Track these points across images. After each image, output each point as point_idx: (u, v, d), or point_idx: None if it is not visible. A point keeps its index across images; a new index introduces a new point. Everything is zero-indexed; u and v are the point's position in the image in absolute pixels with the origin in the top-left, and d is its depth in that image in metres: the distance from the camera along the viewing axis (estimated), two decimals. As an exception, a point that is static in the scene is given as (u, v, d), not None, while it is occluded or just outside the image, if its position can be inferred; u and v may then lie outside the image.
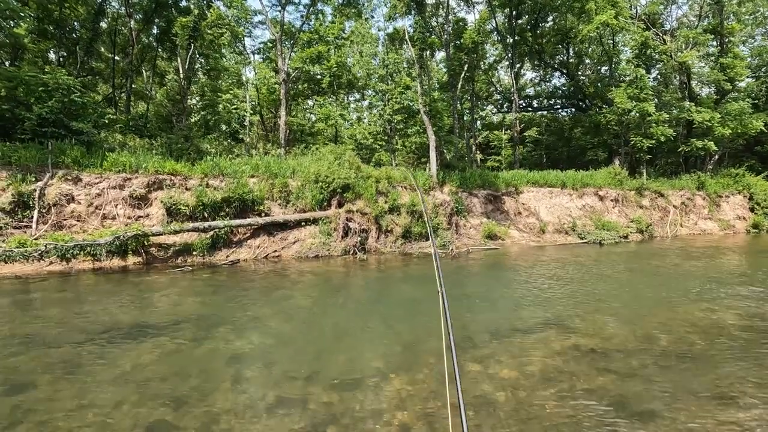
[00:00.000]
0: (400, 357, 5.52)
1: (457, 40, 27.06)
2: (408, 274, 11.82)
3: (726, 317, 7.13)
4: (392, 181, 17.13)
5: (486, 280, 11.41)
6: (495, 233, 17.75)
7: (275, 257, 13.60)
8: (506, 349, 5.76)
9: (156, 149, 16.18)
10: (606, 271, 11.78)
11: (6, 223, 11.00)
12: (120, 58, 24.52)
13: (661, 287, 9.67)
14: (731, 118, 24.31)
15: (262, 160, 16.30)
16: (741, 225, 24.36)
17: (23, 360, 5.36)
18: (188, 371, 5.07)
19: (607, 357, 5.44)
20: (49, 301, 8.18)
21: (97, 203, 12.43)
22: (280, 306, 8.24)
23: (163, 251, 12.42)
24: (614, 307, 7.87)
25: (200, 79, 26.61)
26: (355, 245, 14.38)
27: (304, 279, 10.87)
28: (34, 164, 12.02)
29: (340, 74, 25.88)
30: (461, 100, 30.36)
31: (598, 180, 22.62)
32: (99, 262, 11.25)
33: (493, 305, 8.48)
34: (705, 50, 27.50)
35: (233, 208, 13.80)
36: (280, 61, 22.74)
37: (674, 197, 23.66)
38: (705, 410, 4.11)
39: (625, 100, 22.85)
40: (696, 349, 5.73)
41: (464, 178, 19.57)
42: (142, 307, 7.99)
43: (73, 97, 14.03)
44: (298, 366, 5.21)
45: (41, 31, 20.71)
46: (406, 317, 7.52)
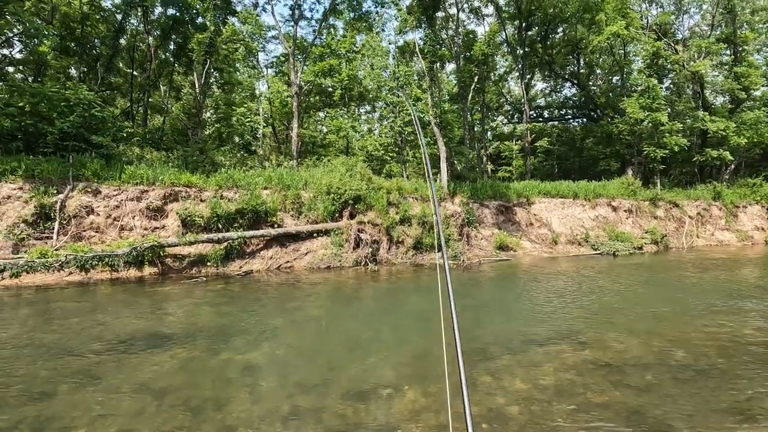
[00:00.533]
0: (412, 368, 5.54)
1: (467, 52, 27.31)
2: (419, 286, 11.82)
3: (744, 331, 6.99)
4: (403, 192, 17.22)
5: (498, 292, 11.36)
6: (507, 244, 17.66)
7: (287, 268, 13.73)
8: (519, 361, 5.73)
9: (172, 162, 16.56)
10: (620, 284, 11.63)
11: (28, 234, 11.34)
12: (138, 73, 25.25)
13: (677, 300, 9.52)
14: (747, 128, 23.97)
15: (275, 172, 16.56)
16: (759, 236, 23.83)
17: (44, 368, 5.51)
18: (204, 381, 5.15)
19: (621, 371, 5.38)
20: (68, 311, 8.38)
21: (115, 215, 12.74)
22: (292, 316, 8.32)
23: (178, 262, 12.64)
24: (629, 320, 7.78)
25: (215, 92, 27.22)
26: (367, 256, 14.44)
27: (316, 290, 10.95)
28: (56, 177, 12.40)
29: (351, 87, 26.27)
30: (472, 111, 30.50)
31: (611, 190, 22.40)
32: (117, 272, 11.49)
33: (505, 317, 8.44)
34: (718, 59, 27.28)
35: (247, 219, 14.00)
36: (293, 74, 23.19)
37: (689, 208, 23.29)
38: (724, 427, 4.04)
39: (637, 110, 22.71)
40: (713, 363, 5.63)
41: (475, 188, 19.57)
42: (158, 317, 8.14)
43: (94, 111, 14.50)
44: (311, 376, 5.26)
45: (63, 48, 21.51)
46: (418, 328, 7.53)
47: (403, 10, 22.89)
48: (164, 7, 22.64)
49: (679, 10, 28.99)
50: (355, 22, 27.12)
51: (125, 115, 24.67)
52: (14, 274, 10.32)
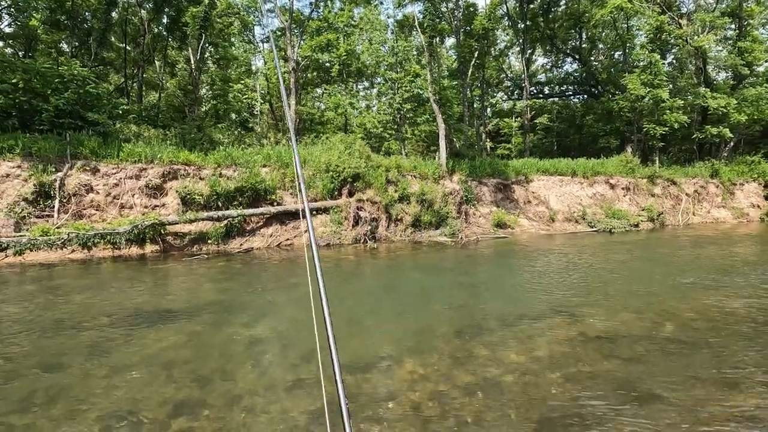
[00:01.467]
0: (411, 341, 5.72)
1: (467, 26, 26.71)
2: (418, 263, 12.01)
3: (734, 306, 7.20)
4: (402, 170, 17.23)
5: (495, 269, 11.55)
6: (504, 222, 17.81)
7: (287, 245, 13.88)
8: (514, 335, 5.93)
9: (170, 139, 16.46)
10: (615, 260, 11.83)
11: (29, 213, 11.40)
12: (131, 48, 24.73)
13: (669, 276, 9.72)
14: (748, 104, 23.81)
15: (273, 150, 16.51)
16: (755, 213, 24.03)
17: (54, 343, 5.68)
18: (210, 354, 5.33)
19: (612, 343, 5.58)
20: (73, 288, 8.53)
21: (115, 193, 12.77)
22: (293, 293, 8.49)
23: (179, 240, 12.76)
24: (622, 296, 7.97)
25: (210, 68, 26.74)
26: (366, 234, 14.58)
27: (316, 267, 11.10)
28: (53, 155, 12.36)
29: (349, 62, 25.84)
30: (471, 88, 30.11)
31: (609, 168, 22.43)
32: (118, 250, 11.62)
33: (501, 293, 8.64)
34: (722, 34, 26.82)
35: (246, 197, 14.06)
36: (290, 49, 22.75)
37: (687, 185, 23.39)
38: (709, 393, 4.24)
39: (638, 86, 22.47)
40: (702, 336, 5.83)
41: (474, 166, 19.57)
42: (161, 293, 8.31)
43: (88, 88, 14.31)
44: (313, 349, 5.45)
45: (54, 22, 21.00)
46: (417, 304, 7.72)
47: (402, -19, 22.29)
48: (156, -22, 22.00)
49: (685, -18, 28.30)
50: (353, -5, 26.47)
51: (120, 91, 24.30)
52: (17, 251, 10.43)
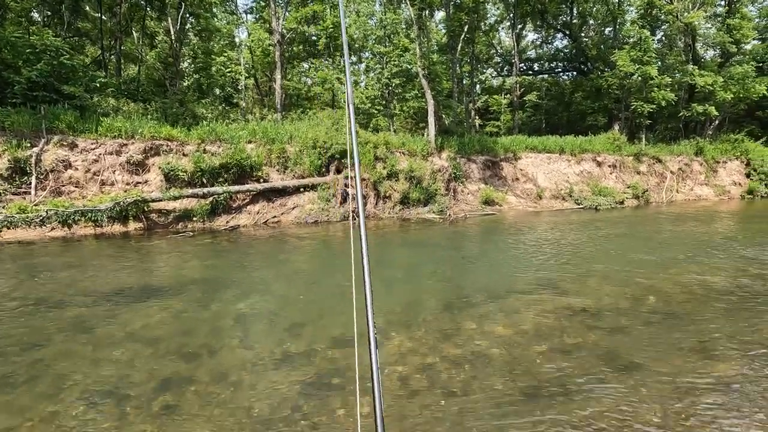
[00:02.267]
0: (399, 316, 5.75)
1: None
2: (406, 240, 12.02)
3: (714, 279, 7.38)
4: (390, 146, 17.03)
5: (482, 245, 11.63)
6: (492, 199, 17.87)
7: (274, 223, 13.74)
8: (501, 308, 5.99)
9: (151, 114, 15.92)
10: (600, 236, 12.00)
11: (5, 189, 11.01)
12: (107, 18, 23.58)
13: (652, 251, 9.91)
14: (734, 82, 23.95)
15: (259, 126, 16.12)
16: (736, 191, 24.55)
17: (37, 321, 5.56)
18: (196, 330, 5.28)
19: (597, 316, 5.68)
20: (54, 266, 8.34)
21: (95, 169, 12.39)
22: (281, 270, 8.45)
23: (163, 217, 12.52)
24: (606, 270, 8.11)
25: (192, 40, 25.74)
26: (354, 211, 14.48)
27: (303, 244, 11.05)
28: (28, 129, 11.86)
29: (336, 35, 25.09)
30: (461, 63, 29.63)
31: (596, 146, 22.53)
32: (100, 227, 11.35)
33: (489, 268, 8.71)
34: (712, 11, 26.71)
35: (231, 174, 13.78)
36: (274, 21, 21.96)
37: (672, 163, 23.69)
38: (688, 363, 4.36)
39: (627, 62, 22.36)
40: (683, 308, 5.98)
41: (463, 143, 19.45)
42: (146, 270, 8.18)
43: (62, 59, 13.66)
44: (301, 325, 5.44)
45: (24, -11, 19.84)
46: (405, 280, 7.74)
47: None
48: (131, -58, 20.83)
49: (677, -44, 27.85)
50: (340, -36, 25.43)
51: (97, 64, 23.27)
52: (-6, 229, 10.12)
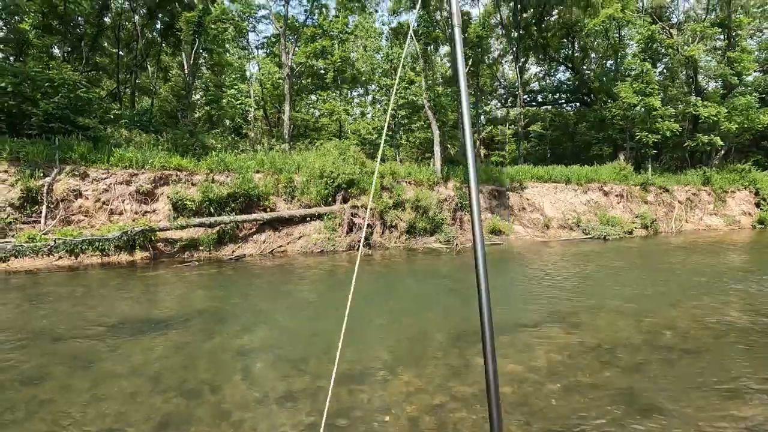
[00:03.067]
0: (407, 350, 5.59)
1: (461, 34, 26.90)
2: (413, 269, 11.88)
3: (731, 313, 7.15)
4: (396, 176, 17.16)
5: (490, 276, 11.36)
6: (499, 229, 17.76)
7: (280, 252, 13.69)
8: (511, 344, 5.81)
9: (162, 145, 16.25)
10: (610, 267, 11.79)
11: (15, 219, 11.13)
12: (124, 53, 24.60)
13: (665, 283, 9.68)
14: (738, 113, 24.10)
15: (267, 156, 16.36)
16: (746, 221, 24.23)
17: (37, 353, 5.46)
18: (198, 364, 5.15)
19: (611, 352, 5.48)
20: (59, 296, 8.29)
21: (105, 198, 12.54)
22: (286, 300, 8.33)
23: (169, 246, 12.53)
24: (618, 303, 7.90)
25: (204, 74, 26.62)
26: (360, 240, 14.43)
27: (309, 274, 10.95)
28: (41, 160, 12.12)
29: (344, 69, 25.85)
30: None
31: (602, 175, 22.53)
32: (107, 256, 11.36)
33: (497, 301, 8.53)
34: (712, 44, 27.25)
35: (239, 203, 13.87)
36: (284, 55, 22.72)
37: (679, 193, 23.56)
38: (711, 405, 4.15)
39: (630, 94, 22.68)
40: (700, 344, 5.76)
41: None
42: (150, 301, 8.10)
43: (79, 92, 14.13)
44: (306, 359, 5.29)
45: (46, 27, 20.81)
46: (412, 311, 7.58)
47: (396, -11, 22.40)
48: (150, -16, 21.95)
49: (675, -7, 28.80)
50: (348, 2, 26.54)
51: (112, 96, 24.08)
52: (2, 258, 10.15)
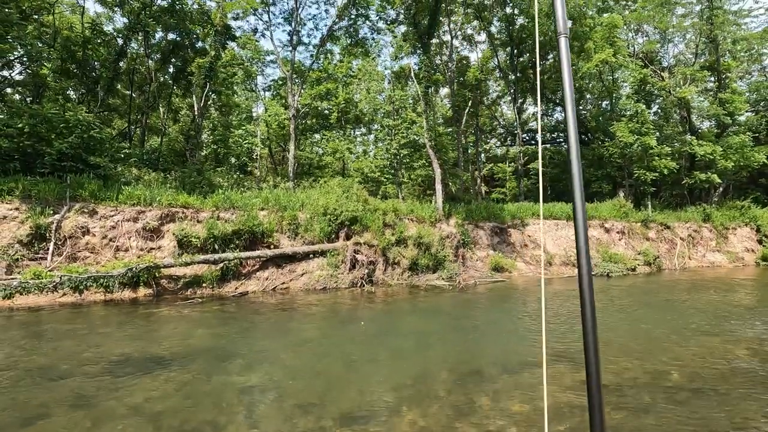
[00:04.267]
0: (411, 390, 5.52)
1: (460, 77, 28.05)
2: (416, 307, 11.82)
3: (738, 353, 7.07)
4: (399, 213, 17.37)
5: (494, 313, 11.36)
6: (502, 265, 17.75)
7: (283, 289, 13.67)
8: (516, 383, 5.74)
9: (170, 183, 16.63)
10: (614, 305, 11.71)
11: (22, 255, 11.26)
12: (137, 95, 25.60)
13: (670, 321, 9.59)
14: (733, 152, 24.59)
15: (271, 194, 16.67)
16: (750, 257, 24.14)
17: (37, 392, 5.43)
18: (200, 404, 5.10)
19: (618, 392, 5.41)
20: (61, 333, 8.27)
21: (111, 235, 12.71)
22: (289, 338, 8.28)
23: (173, 283, 12.56)
24: (624, 342, 7.82)
25: (212, 114, 27.58)
26: (363, 277, 14.44)
27: (312, 311, 10.90)
28: (52, 197, 12.40)
29: (347, 110, 26.75)
30: (466, 134, 31.07)
31: (603, 212, 22.73)
32: (111, 293, 11.38)
33: (501, 338, 8.45)
34: (703, 86, 28.19)
35: (243, 240, 14.01)
36: (290, 97, 23.61)
37: (680, 229, 23.63)
38: (720, 447, 4.07)
39: (626, 133, 23.28)
40: (709, 384, 5.68)
41: (470, 210, 19.78)
42: (152, 339, 8.06)
43: (92, 132, 14.63)
44: (309, 399, 5.23)
45: (64, 71, 21.80)
46: (416, 350, 7.52)
47: (398, 37, 23.58)
48: (165, 31, 23.17)
49: (664, 39, 30.09)
50: (352, 48, 27.86)
51: (123, 136, 24.84)
52: (7, 295, 10.20)
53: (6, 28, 15.20)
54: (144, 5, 20.66)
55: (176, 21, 21.39)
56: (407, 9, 20.40)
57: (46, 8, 19.79)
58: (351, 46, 27.80)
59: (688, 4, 27.76)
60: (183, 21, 21.47)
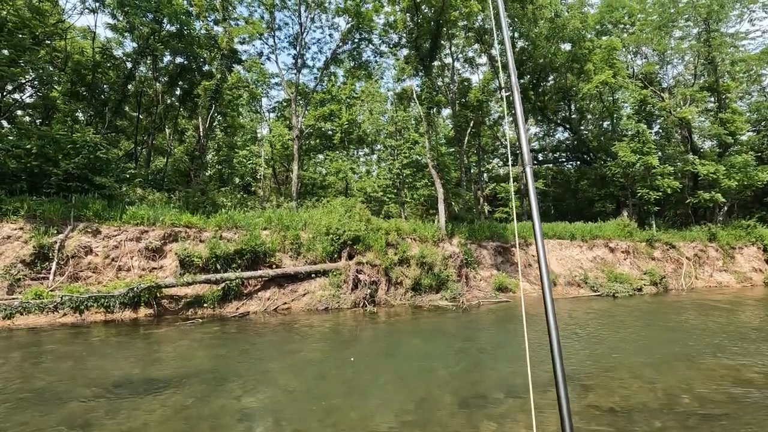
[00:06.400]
0: (413, 415, 5.38)
1: (462, 98, 28.42)
2: (419, 328, 11.65)
3: (750, 376, 6.88)
4: (401, 232, 17.33)
5: (498, 335, 11.18)
6: (506, 285, 17.56)
7: (285, 309, 13.54)
8: (521, 407, 5.60)
9: (174, 203, 16.73)
10: (621, 326, 11.50)
11: (25, 275, 11.25)
12: (143, 116, 26.04)
13: (679, 343, 9.40)
14: (736, 171, 24.55)
15: (274, 213, 16.71)
16: (758, 277, 23.79)
17: (35, 415, 5.33)
18: (199, 428, 4.99)
19: (628, 417, 5.25)
20: (60, 355, 8.18)
21: (114, 255, 12.71)
22: (290, 360, 8.15)
23: (174, 303, 12.48)
24: (632, 364, 7.64)
25: (217, 135, 27.96)
26: (365, 297, 14.30)
27: (313, 332, 10.77)
28: (57, 217, 12.47)
29: (350, 130, 27.07)
30: (468, 154, 31.27)
31: (607, 232, 22.57)
32: (111, 314, 11.30)
33: (505, 361, 8.28)
34: (703, 106, 28.38)
35: (245, 259, 13.97)
36: (294, 119, 23.95)
37: (686, 249, 23.40)
38: (735, 476, 3.92)
39: (628, 153, 23.35)
40: (721, 409, 5.51)
41: (473, 230, 19.71)
42: (152, 361, 7.96)
43: (99, 153, 14.84)
44: (309, 424, 5.11)
45: (73, 93, 22.29)
46: (418, 372, 7.37)
47: (401, 59, 24.03)
48: (173, 55, 23.74)
49: (663, 60, 30.50)
50: (355, 71, 28.39)
51: (128, 156, 25.17)
52: (7, 315, 10.15)
53: (19, 53, 15.62)
54: (153, 31, 21.23)
55: (184, 45, 21.93)
56: (409, 33, 20.86)
57: (59, 34, 20.40)
58: (354, 69, 28.34)
59: (685, 27, 28.22)
60: (191, 45, 22.01)
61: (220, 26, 22.30)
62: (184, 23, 21.12)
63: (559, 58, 26.30)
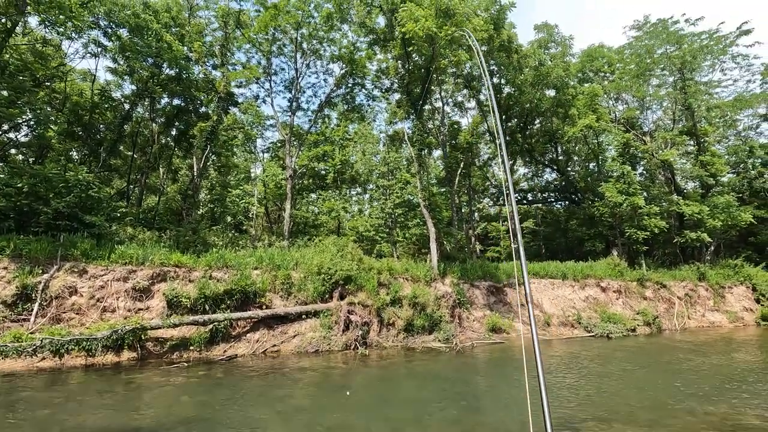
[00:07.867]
0: (407, 466, 5.16)
1: (452, 140, 29.23)
2: (412, 372, 11.35)
3: (749, 420, 6.76)
4: (394, 272, 17.23)
5: (492, 378, 10.92)
6: (499, 326, 17.33)
7: (274, 352, 13.14)
8: (520, 456, 5.40)
9: (164, 242, 16.56)
10: (617, 368, 11.33)
11: (5, 317, 10.87)
12: (138, 156, 26.25)
13: (677, 386, 9.25)
14: (719, 211, 25.17)
15: (266, 252, 16.58)
16: (749, 317, 23.81)
17: (3, 470, 5.01)
18: (180, 483, 4.71)
19: (628, 466, 5.08)
20: (36, 402, 7.78)
21: (99, 296, 12.39)
22: (278, 407, 7.84)
23: (159, 346, 12.06)
24: (629, 408, 7.48)
25: (211, 174, 28.17)
26: (357, 339, 13.98)
27: (303, 377, 10.42)
28: (43, 257, 12.24)
29: (343, 171, 27.49)
30: (459, 194, 31.77)
31: (598, 271, 22.67)
32: (92, 357, 10.85)
33: (501, 406, 8.05)
34: (684, 149, 29.48)
35: (234, 300, 13.69)
36: (288, 159, 24.33)
37: (677, 288, 23.50)
38: None
39: (615, 194, 23.92)
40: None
41: (465, 269, 19.67)
42: (133, 408, 7.60)
43: (91, 192, 14.81)
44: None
45: (69, 133, 22.52)
46: (412, 420, 7.12)
47: (392, 103, 24.88)
48: (171, 97, 24.33)
49: (643, 106, 31.94)
50: (349, 113, 29.25)
51: (120, 194, 25.13)
52: (-17, 360, 9.71)
53: (18, 94, 15.90)
54: (152, 74, 21.85)
55: (182, 88, 22.54)
56: (401, 79, 21.73)
57: (59, 76, 20.88)
58: (348, 112, 29.22)
59: (662, 75, 29.81)
60: (189, 88, 22.63)
61: (219, 71, 23.07)
62: (183, 68, 21.81)
63: (544, 103, 27.44)
